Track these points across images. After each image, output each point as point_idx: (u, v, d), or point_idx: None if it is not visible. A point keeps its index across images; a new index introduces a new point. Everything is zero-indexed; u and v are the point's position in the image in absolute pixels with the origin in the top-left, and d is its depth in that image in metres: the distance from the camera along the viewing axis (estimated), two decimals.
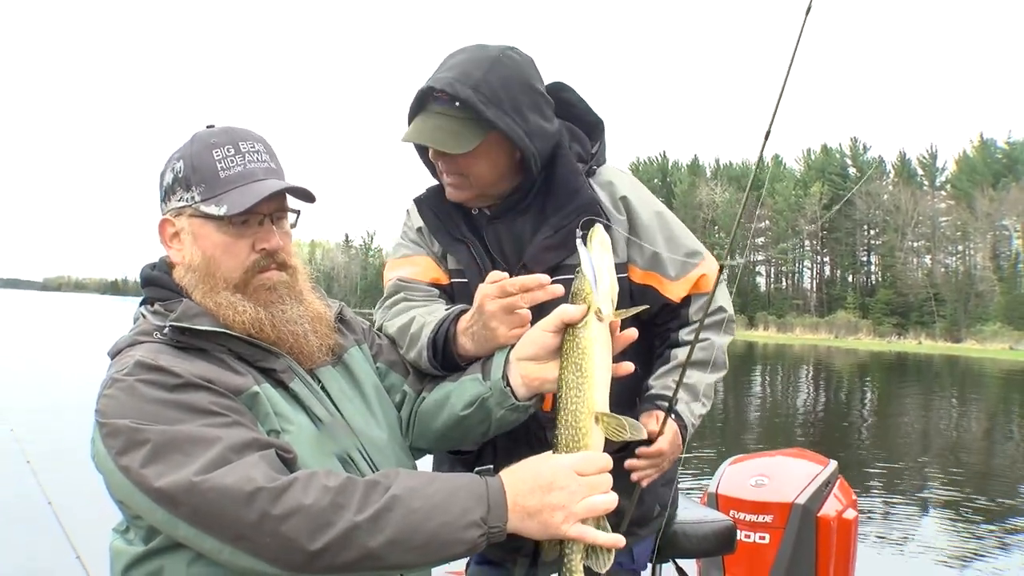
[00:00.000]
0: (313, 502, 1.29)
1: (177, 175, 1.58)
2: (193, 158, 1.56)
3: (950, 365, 41.78)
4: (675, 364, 2.13)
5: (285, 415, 1.52)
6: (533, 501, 1.36)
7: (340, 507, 1.29)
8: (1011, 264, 72.17)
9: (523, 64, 1.99)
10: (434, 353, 1.83)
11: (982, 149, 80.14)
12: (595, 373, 1.49)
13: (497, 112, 1.90)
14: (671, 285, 2.10)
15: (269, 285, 1.61)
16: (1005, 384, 30.38)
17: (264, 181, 1.57)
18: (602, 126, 2.21)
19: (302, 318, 1.65)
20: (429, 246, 2.19)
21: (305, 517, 1.28)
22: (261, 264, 1.60)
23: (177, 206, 1.58)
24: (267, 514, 1.28)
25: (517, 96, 1.94)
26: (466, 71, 1.90)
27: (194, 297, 1.58)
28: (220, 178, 1.55)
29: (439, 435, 1.81)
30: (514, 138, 1.93)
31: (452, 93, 1.88)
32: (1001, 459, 13.28)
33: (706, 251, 2.17)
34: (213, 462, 1.31)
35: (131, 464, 1.33)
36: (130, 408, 1.38)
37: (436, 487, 1.35)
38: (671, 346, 2.18)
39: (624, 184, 2.13)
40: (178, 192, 1.58)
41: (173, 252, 1.62)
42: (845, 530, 3.30)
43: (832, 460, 3.53)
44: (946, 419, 18.59)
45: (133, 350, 1.50)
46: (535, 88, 1.99)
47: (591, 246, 1.55)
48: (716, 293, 2.10)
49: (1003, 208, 71.18)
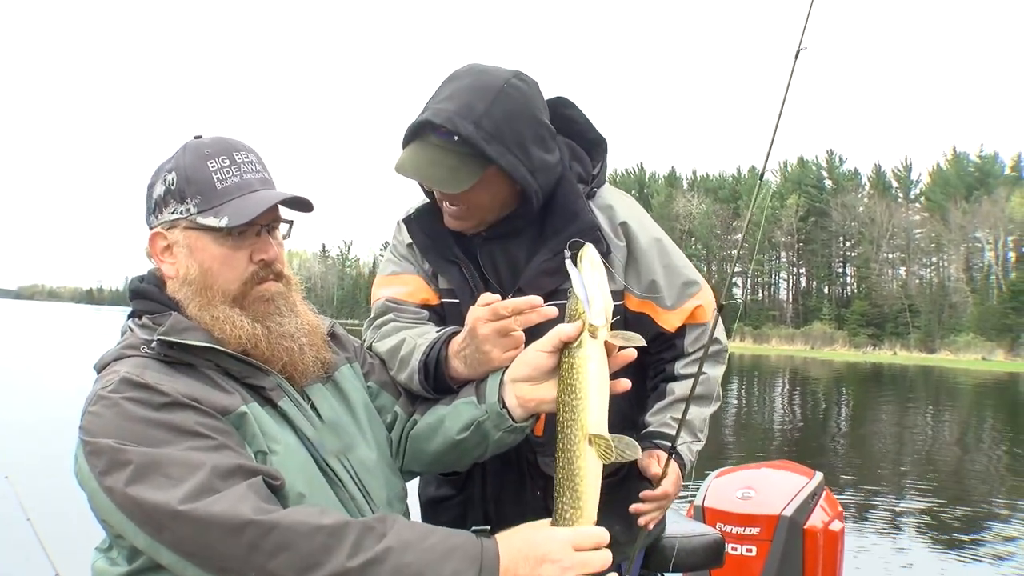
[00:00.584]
0: (304, 541, 1.26)
1: (170, 187, 1.54)
2: (187, 169, 1.53)
3: (924, 375, 42.23)
4: (673, 400, 2.10)
5: (272, 435, 1.49)
6: (524, 571, 1.33)
7: (331, 549, 1.26)
8: (983, 276, 73.07)
9: (528, 94, 1.89)
10: (425, 376, 1.80)
11: (955, 162, 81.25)
12: (589, 393, 1.46)
13: (500, 149, 1.81)
14: (666, 315, 2.06)
15: (267, 296, 1.59)
16: (978, 394, 30.66)
17: (260, 192, 1.56)
18: (605, 145, 2.13)
19: (298, 331, 1.63)
20: (419, 264, 2.13)
21: (294, 555, 1.25)
22: (260, 275, 1.58)
23: (170, 219, 1.55)
24: (255, 548, 1.25)
25: (521, 131, 1.85)
26: (467, 103, 1.80)
27: (188, 311, 1.54)
28: (217, 189, 1.52)
29: (433, 459, 1.79)
30: (516, 177, 1.86)
31: (452, 129, 1.78)
32: (976, 468, 13.37)
33: (703, 281, 2.12)
34: (200, 489, 1.27)
35: (115, 485, 1.30)
36: (114, 427, 1.35)
37: (431, 543, 1.31)
38: (666, 379, 2.14)
39: (624, 209, 2.07)
40: (171, 204, 1.54)
41: (165, 266, 1.58)
42: (832, 542, 3.30)
43: (818, 472, 3.54)
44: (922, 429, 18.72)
45: (119, 365, 1.47)
46: (539, 120, 1.91)
47: (581, 266, 1.53)
48: (715, 327, 2.08)
49: (976, 220, 72.11)
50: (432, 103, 1.86)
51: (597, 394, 1.47)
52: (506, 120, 1.81)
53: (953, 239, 73.62)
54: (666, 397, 2.12)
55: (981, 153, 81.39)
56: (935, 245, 76.82)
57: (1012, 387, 35.60)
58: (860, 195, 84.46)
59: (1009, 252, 72.06)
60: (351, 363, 1.82)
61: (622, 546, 2.19)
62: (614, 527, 2.13)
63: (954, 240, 73.65)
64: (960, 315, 70.35)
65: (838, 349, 69.37)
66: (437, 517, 2.27)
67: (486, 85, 1.83)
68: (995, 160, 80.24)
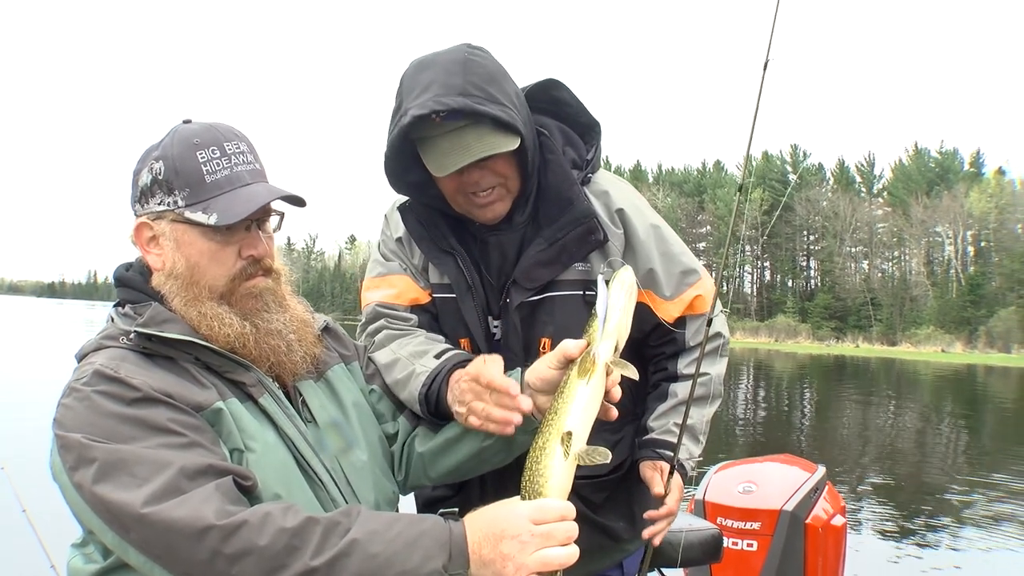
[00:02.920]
0: (267, 543, 1.23)
1: (157, 176, 1.49)
2: (175, 160, 1.48)
3: (886, 367, 42.87)
4: (675, 403, 2.06)
5: (250, 432, 1.46)
6: (487, 550, 1.30)
7: (295, 550, 1.23)
8: (944, 270, 74.34)
9: (489, 57, 1.84)
10: (427, 408, 1.76)
11: (917, 158, 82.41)
12: (574, 401, 1.46)
13: (496, 107, 1.75)
14: (665, 305, 2.01)
15: (255, 292, 1.55)
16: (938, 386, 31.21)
17: (251, 186, 1.52)
18: (598, 128, 2.07)
19: (287, 327, 1.59)
20: (408, 258, 2.07)
21: (258, 559, 1.22)
22: (248, 271, 1.54)
23: (157, 210, 1.51)
24: (218, 553, 1.22)
25: (504, 87, 1.80)
26: (443, 83, 1.74)
27: (173, 305, 1.50)
28: (206, 183, 1.48)
29: (452, 469, 1.78)
30: (520, 129, 1.79)
31: (444, 109, 1.71)
32: (936, 455, 13.77)
33: (703, 270, 2.08)
34: (164, 490, 1.25)
35: (83, 481, 1.28)
36: (84, 421, 1.33)
37: (397, 531, 1.28)
38: (668, 379, 2.10)
39: (620, 195, 2.01)
40: (158, 195, 1.50)
41: (152, 257, 1.54)
42: (834, 537, 3.28)
43: (820, 466, 3.52)
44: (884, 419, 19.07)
45: (96, 356, 1.45)
46: (509, 77, 1.86)
47: (611, 287, 1.52)
48: (714, 317, 2.05)
49: (936, 215, 73.28)
50: (409, 102, 1.77)
51: (582, 407, 1.47)
52: (488, 82, 1.76)
53: (914, 233, 74.78)
54: (667, 400, 2.08)
55: (942, 149, 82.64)
56: (897, 239, 78.01)
57: (970, 378, 36.29)
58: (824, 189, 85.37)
59: (968, 247, 73.43)
60: (348, 363, 1.79)
61: (624, 542, 2.16)
62: (616, 523, 2.12)
63: (915, 234, 74.82)
64: (921, 308, 71.52)
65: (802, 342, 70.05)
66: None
67: (451, 61, 1.77)
68: (955, 156, 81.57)
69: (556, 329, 1.94)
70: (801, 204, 79.72)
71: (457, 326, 2.03)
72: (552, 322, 1.95)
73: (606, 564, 2.20)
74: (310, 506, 1.47)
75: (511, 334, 1.96)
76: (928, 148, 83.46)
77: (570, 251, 1.92)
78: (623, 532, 2.15)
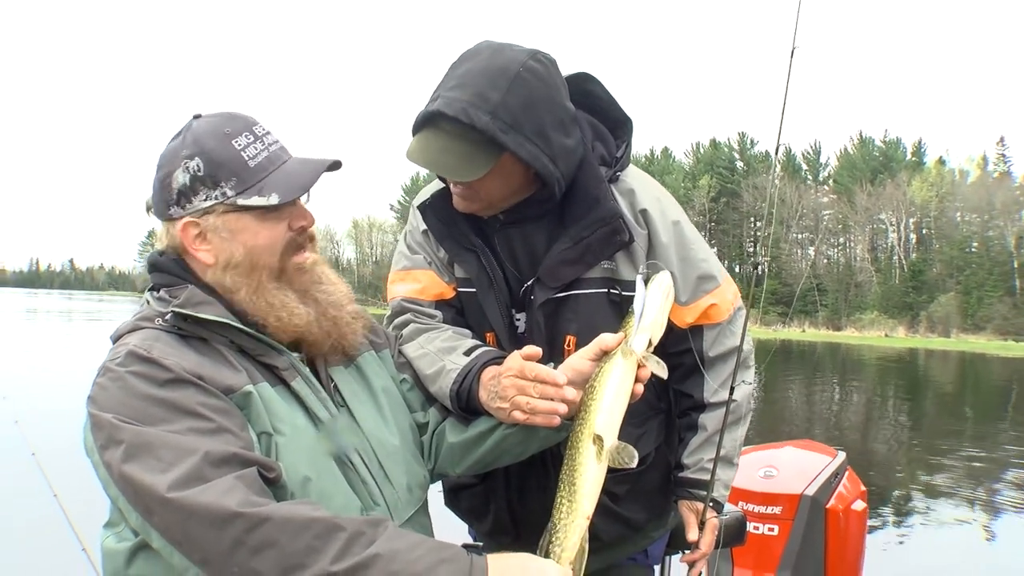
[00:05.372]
0: (290, 540, 1.23)
1: (196, 174, 1.50)
2: (213, 153, 1.49)
3: (831, 351, 43.77)
4: (705, 437, 2.07)
5: (280, 415, 1.48)
6: None
7: (316, 551, 1.23)
8: (887, 256, 76.12)
9: (546, 77, 1.77)
10: (458, 404, 1.78)
11: (861, 146, 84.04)
12: (605, 397, 1.53)
13: (518, 139, 1.72)
14: (679, 310, 1.98)
15: (306, 267, 1.56)
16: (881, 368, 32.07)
17: (288, 162, 1.55)
18: (630, 125, 2.03)
19: (344, 298, 1.63)
20: (434, 252, 2.05)
21: (279, 554, 1.22)
22: (297, 242, 1.57)
23: (203, 206, 1.51)
24: (240, 543, 1.23)
25: (541, 118, 1.75)
26: (481, 92, 1.69)
27: (238, 297, 1.52)
28: (251, 168, 1.50)
29: (477, 461, 1.80)
30: (538, 166, 1.76)
31: (467, 122, 1.68)
32: (882, 434, 14.26)
33: (723, 276, 2.05)
34: (189, 476, 1.26)
35: (112, 460, 1.30)
36: (117, 401, 1.35)
37: (419, 554, 1.28)
38: (695, 408, 2.10)
39: (646, 194, 1.98)
40: (201, 191, 1.50)
41: (201, 254, 1.54)
42: (854, 522, 3.31)
43: (841, 451, 3.55)
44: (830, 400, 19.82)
45: (130, 337, 1.47)
46: (559, 104, 1.81)
47: (649, 288, 1.58)
48: (734, 328, 2.07)
49: (880, 203, 74.90)
50: (443, 90, 1.74)
51: (612, 402, 1.53)
52: (524, 108, 1.72)
53: (859, 221, 76.40)
54: (698, 432, 2.08)
55: (885, 138, 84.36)
56: (842, 226, 79.60)
57: (912, 361, 37.31)
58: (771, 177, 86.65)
59: (911, 234, 75.29)
60: (379, 350, 1.79)
61: (645, 531, 2.16)
62: (637, 513, 2.11)
63: (860, 222, 76.43)
64: (865, 294, 73.24)
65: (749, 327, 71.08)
66: (459, 504, 2.26)
67: (501, 70, 1.72)
68: (898, 145, 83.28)
69: (580, 326, 1.93)
70: (748, 191, 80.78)
71: (482, 320, 2.02)
72: (576, 319, 1.94)
73: (629, 552, 2.22)
74: (341, 490, 1.50)
75: (535, 331, 1.94)
76: (873, 137, 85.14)
77: (595, 251, 1.90)
78: (642, 522, 2.15)
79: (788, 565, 3.20)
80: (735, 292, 2.10)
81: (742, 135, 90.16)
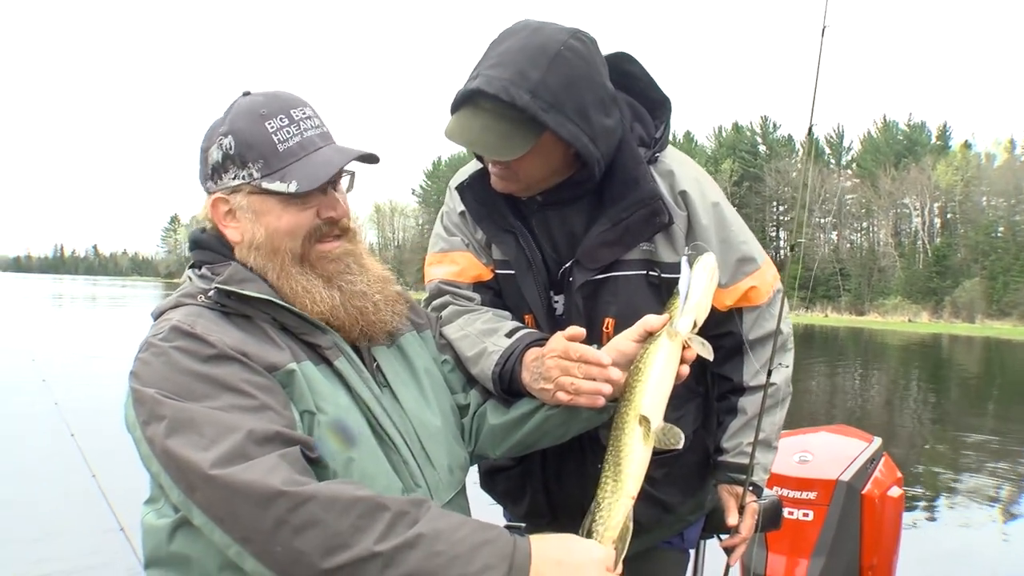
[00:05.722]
0: (334, 520, 1.23)
1: (227, 152, 1.50)
2: (244, 133, 1.49)
3: (854, 336, 43.51)
4: (745, 421, 2.07)
5: (323, 394, 1.47)
6: (552, 574, 1.31)
7: (360, 531, 1.23)
8: (911, 241, 75.29)
9: (587, 57, 1.75)
10: (500, 386, 1.78)
11: (885, 130, 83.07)
12: (650, 379, 1.53)
13: (558, 118, 1.70)
14: (719, 292, 1.96)
15: (333, 256, 1.55)
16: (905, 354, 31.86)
17: (322, 149, 1.53)
18: (668, 105, 2.01)
19: (371, 288, 1.60)
20: (472, 233, 2.04)
21: (322, 534, 1.22)
22: (323, 231, 1.55)
23: (232, 184, 1.52)
24: (283, 522, 1.22)
25: (581, 97, 1.73)
26: (521, 70, 1.68)
27: (268, 278, 1.52)
28: (279, 152, 1.49)
29: (517, 443, 1.80)
30: (578, 146, 1.74)
31: (508, 100, 1.66)
32: (906, 420, 14.19)
33: (763, 258, 2.03)
34: (232, 454, 1.25)
35: (155, 436, 1.30)
36: (160, 377, 1.35)
37: (463, 535, 1.28)
38: (735, 391, 2.10)
39: (685, 175, 1.96)
40: (231, 170, 1.51)
41: (230, 231, 1.56)
42: (891, 508, 3.27)
43: (877, 437, 3.50)
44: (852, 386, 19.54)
45: (173, 313, 1.47)
46: (599, 83, 1.78)
47: (694, 269, 1.59)
48: (773, 311, 2.05)
49: (904, 187, 74.06)
50: (482, 68, 1.73)
51: (657, 383, 1.53)
52: (564, 87, 1.70)
53: (882, 205, 75.60)
54: (738, 416, 2.08)
55: (910, 122, 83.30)
56: (865, 211, 78.80)
57: (935, 347, 37.03)
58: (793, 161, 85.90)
59: (935, 218, 74.40)
60: (421, 331, 1.79)
61: (681, 514, 2.16)
62: (674, 496, 2.11)
63: (883, 206, 75.62)
64: (888, 279, 72.51)
65: None
66: (495, 487, 2.26)
67: (541, 47, 1.69)
68: (923, 129, 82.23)
69: (619, 308, 1.92)
70: (771, 175, 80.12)
71: (520, 302, 2.01)
72: (615, 302, 1.93)
73: (665, 535, 2.22)
74: (382, 469, 1.49)
75: (574, 313, 1.94)
76: (896, 121, 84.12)
77: (634, 232, 1.88)
78: (678, 505, 2.15)
79: (823, 551, 3.17)
80: (775, 274, 2.08)
81: (764, 119, 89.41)
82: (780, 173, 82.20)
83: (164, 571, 1.44)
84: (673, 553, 2.27)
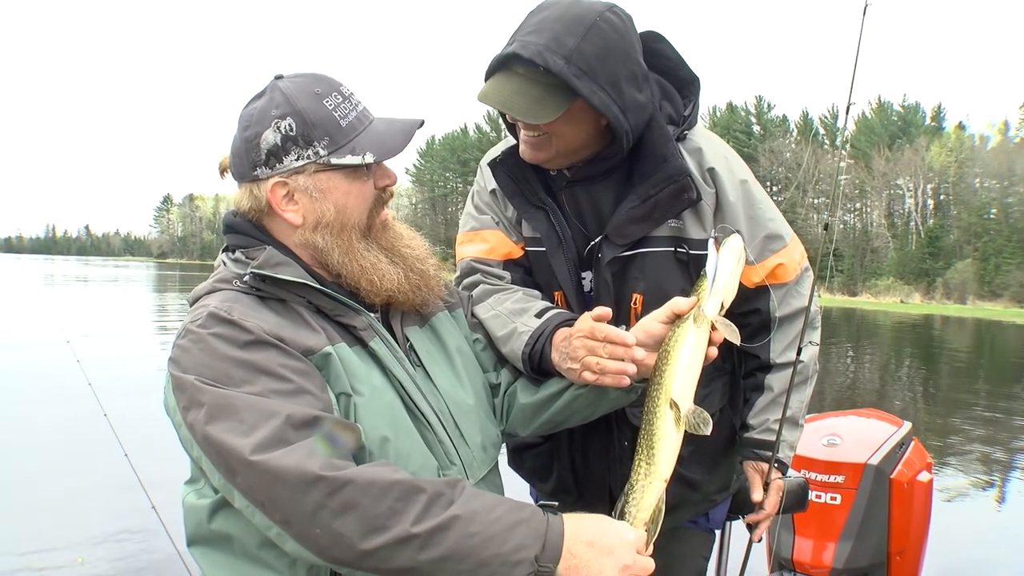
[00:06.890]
0: (371, 503, 1.25)
1: (288, 133, 1.50)
2: (305, 113, 1.49)
3: (847, 317, 43.64)
4: (772, 398, 2.07)
5: (359, 375, 1.48)
6: (586, 556, 1.34)
7: (398, 513, 1.26)
8: (904, 222, 75.46)
9: (622, 30, 1.76)
10: (530, 366, 1.80)
11: (880, 111, 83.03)
12: (679, 362, 1.55)
13: (591, 86, 1.70)
14: (747, 269, 1.94)
15: (388, 222, 1.62)
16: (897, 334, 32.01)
17: (374, 122, 1.56)
18: (697, 84, 2.02)
19: (425, 252, 1.68)
20: (502, 211, 2.05)
21: (360, 516, 1.24)
22: (382, 199, 1.60)
23: (294, 165, 1.51)
24: (323, 505, 1.24)
25: (614, 69, 1.73)
26: (557, 37, 1.69)
27: (332, 260, 1.53)
28: (342, 128, 1.51)
29: (546, 422, 1.82)
30: (608, 115, 1.74)
31: (542, 64, 1.67)
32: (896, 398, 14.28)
33: (791, 236, 2.04)
34: (272, 439, 1.27)
35: (195, 421, 1.32)
36: (199, 363, 1.36)
37: (498, 514, 1.31)
38: (762, 368, 2.10)
39: (714, 153, 1.96)
40: (293, 151, 1.50)
41: (289, 214, 1.54)
42: (920, 493, 3.24)
43: (906, 421, 3.48)
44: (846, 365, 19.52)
45: (209, 299, 1.48)
46: (632, 58, 1.79)
47: (721, 251, 1.60)
48: (801, 289, 2.06)
49: (898, 168, 74.12)
50: (519, 35, 1.74)
51: (687, 366, 1.55)
52: (598, 57, 1.72)
53: (876, 186, 75.67)
54: (764, 393, 2.09)
55: (904, 103, 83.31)
56: (859, 192, 78.86)
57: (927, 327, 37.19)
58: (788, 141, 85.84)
59: (928, 200, 74.53)
60: (452, 310, 1.80)
61: (707, 493, 2.16)
62: (699, 474, 2.10)
63: (877, 187, 75.70)
64: (881, 260, 72.76)
65: None
66: (522, 464, 2.28)
67: (578, 17, 1.71)
68: (917, 110, 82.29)
69: (647, 285, 1.93)
70: (765, 155, 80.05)
71: (551, 279, 2.02)
72: (643, 278, 1.94)
73: (691, 514, 2.23)
74: (418, 449, 1.51)
75: (602, 289, 1.94)
76: (891, 102, 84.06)
77: (662, 209, 1.89)
78: (704, 483, 2.16)
79: (850, 535, 3.15)
80: (802, 252, 2.10)
81: (759, 99, 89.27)
82: (774, 153, 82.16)
83: (206, 548, 1.46)
84: (699, 533, 2.29)
